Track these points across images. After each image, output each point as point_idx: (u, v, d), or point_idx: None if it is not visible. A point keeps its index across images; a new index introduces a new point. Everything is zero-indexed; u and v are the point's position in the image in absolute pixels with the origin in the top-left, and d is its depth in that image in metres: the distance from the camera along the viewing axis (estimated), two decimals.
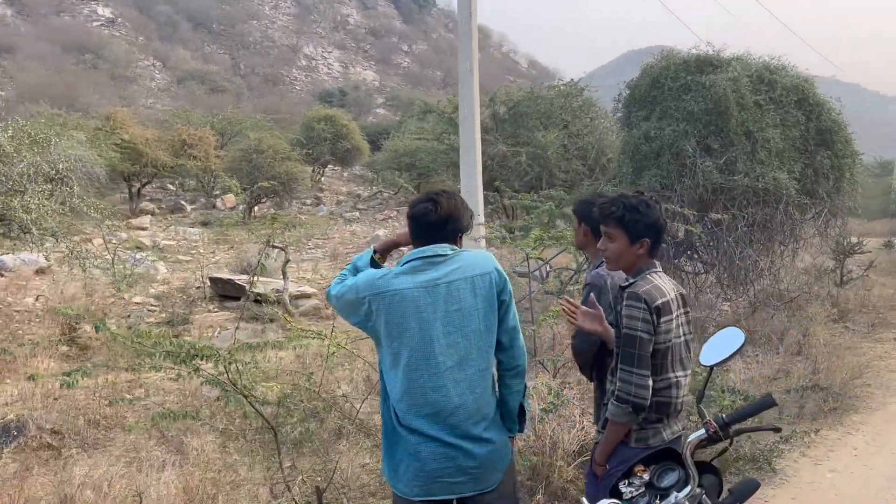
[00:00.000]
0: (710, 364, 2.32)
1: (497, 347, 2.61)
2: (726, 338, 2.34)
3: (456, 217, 2.59)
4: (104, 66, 44.60)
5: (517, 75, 64.02)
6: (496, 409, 2.63)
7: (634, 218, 2.52)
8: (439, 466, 2.49)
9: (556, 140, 15.88)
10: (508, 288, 2.60)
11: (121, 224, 19.21)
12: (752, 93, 8.73)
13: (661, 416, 2.50)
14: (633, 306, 2.46)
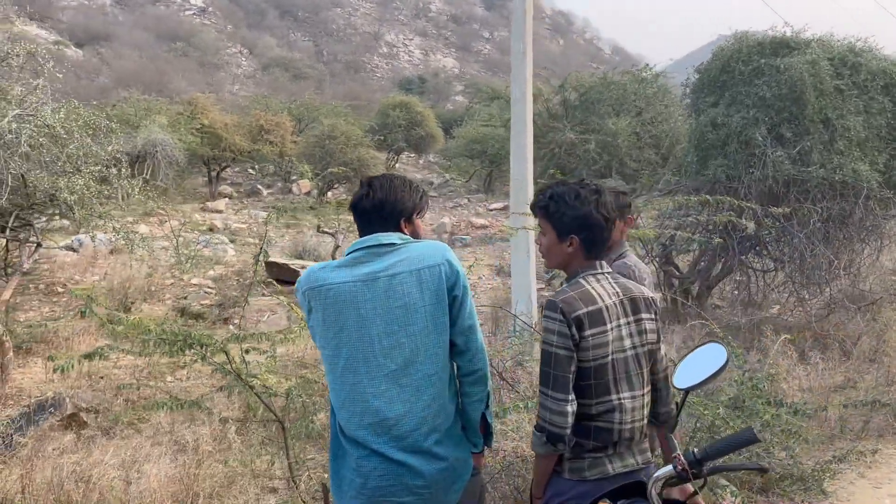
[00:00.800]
0: (684, 387, 1.93)
1: (452, 350, 2.31)
2: (706, 356, 1.94)
3: (393, 201, 2.32)
4: (194, 54, 46.13)
5: (600, 62, 62.51)
6: (455, 420, 2.33)
7: (560, 210, 2.20)
8: (383, 484, 2.22)
9: (627, 127, 15.27)
10: (462, 282, 2.29)
11: (196, 206, 19.81)
12: (832, 77, 8.03)
13: (601, 444, 2.15)
14: (548, 317, 2.14)
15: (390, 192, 2.34)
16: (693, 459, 1.86)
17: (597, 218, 2.18)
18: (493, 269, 12.37)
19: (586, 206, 2.18)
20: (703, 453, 1.86)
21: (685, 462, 1.86)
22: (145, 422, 5.56)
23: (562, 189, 2.24)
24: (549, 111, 16.49)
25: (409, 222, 2.39)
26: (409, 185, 2.41)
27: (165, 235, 13.33)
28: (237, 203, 21.94)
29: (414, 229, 2.41)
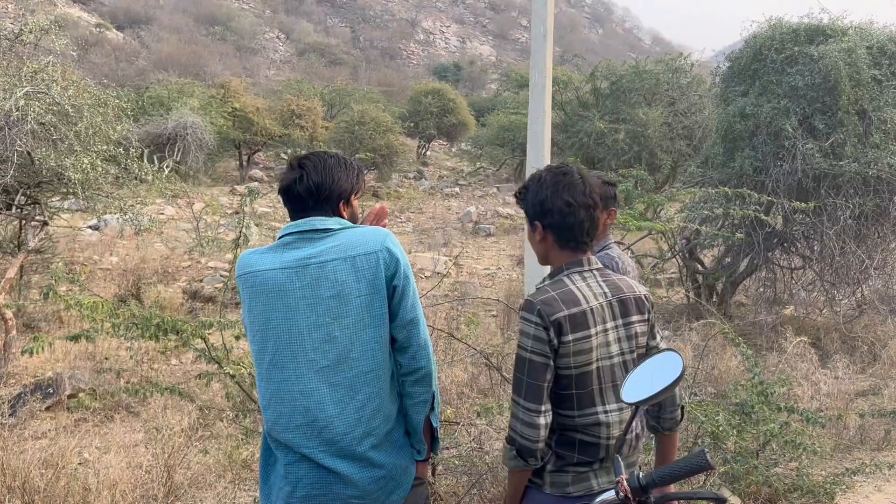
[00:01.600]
0: (633, 401, 1.69)
1: (393, 345, 2.11)
2: (659, 366, 1.71)
3: (329, 182, 2.12)
4: (231, 38, 46.44)
5: (639, 52, 61.38)
6: (396, 424, 2.13)
7: (525, 197, 2.05)
8: (313, 493, 2.03)
9: (659, 118, 14.86)
10: (403, 271, 2.07)
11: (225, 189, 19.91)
12: (870, 66, 7.63)
13: (588, 458, 1.95)
14: (524, 319, 1.93)
15: (325, 172, 2.14)
16: (637, 486, 1.65)
17: (555, 202, 1.97)
18: (513, 260, 12.15)
19: (545, 190, 2.00)
20: (648, 479, 1.64)
21: (628, 488, 1.65)
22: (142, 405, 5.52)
23: (532, 176, 2.08)
24: (579, 99, 16.15)
25: (347, 204, 2.19)
26: (344, 164, 2.20)
27: (187, 219, 13.38)
28: (267, 187, 21.99)
29: (352, 211, 2.22)
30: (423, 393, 2.15)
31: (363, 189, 2.28)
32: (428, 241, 13.82)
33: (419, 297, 2.18)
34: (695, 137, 14.99)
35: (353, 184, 2.20)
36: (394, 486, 2.11)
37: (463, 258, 12.27)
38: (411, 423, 2.18)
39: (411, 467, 2.17)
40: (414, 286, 2.14)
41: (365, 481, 2.05)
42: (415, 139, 27.90)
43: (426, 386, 2.15)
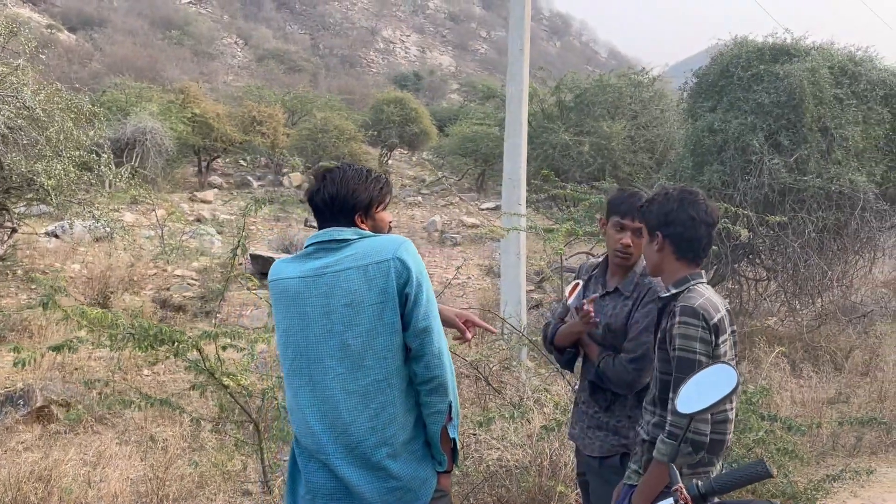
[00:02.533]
0: (690, 412, 1.74)
1: (408, 355, 2.13)
2: (714, 378, 1.75)
3: (345, 194, 2.18)
4: (188, 43, 45.71)
5: (596, 65, 62.45)
6: (414, 434, 2.14)
7: (649, 208, 2.29)
8: (329, 503, 2.07)
9: (622, 131, 15.14)
10: (415, 279, 2.10)
11: (184, 196, 19.56)
12: (831, 86, 7.93)
13: (713, 456, 2.13)
14: (689, 324, 2.08)
15: (342, 184, 2.19)
16: (696, 493, 1.69)
17: (680, 215, 2.20)
18: (482, 269, 12.22)
19: (671, 203, 2.23)
20: (707, 487, 1.69)
21: (688, 496, 1.68)
22: (119, 417, 5.38)
23: (657, 191, 2.38)
24: (544, 112, 16.35)
25: (366, 216, 2.24)
26: (365, 177, 2.24)
27: (151, 225, 13.11)
28: (226, 194, 21.67)
29: (375, 223, 2.26)
30: (438, 403, 2.14)
31: (386, 201, 2.30)
32: None
33: (436, 305, 2.19)
34: (657, 151, 15.29)
35: (371, 196, 2.23)
36: (412, 499, 2.10)
37: (431, 267, 12.29)
38: (429, 434, 2.18)
39: (431, 479, 2.17)
40: (429, 294, 2.15)
41: (377, 493, 2.05)
42: (377, 147, 27.85)
43: (441, 395, 2.14)
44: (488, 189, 24.36)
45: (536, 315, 8.60)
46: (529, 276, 10.52)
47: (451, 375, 2.18)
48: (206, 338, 3.36)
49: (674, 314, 2.12)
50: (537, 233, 6.76)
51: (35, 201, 6.74)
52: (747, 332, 8.04)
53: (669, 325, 2.13)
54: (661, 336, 2.22)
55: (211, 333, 3.37)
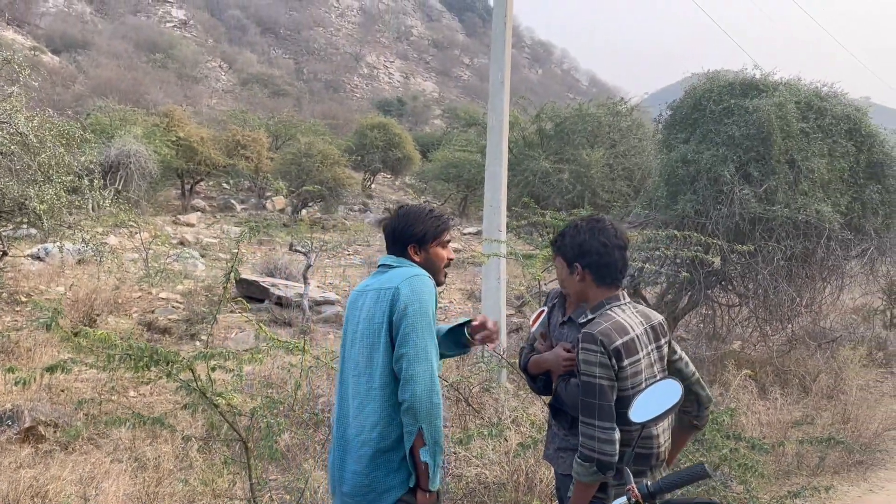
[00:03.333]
0: (640, 421, 1.99)
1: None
2: (661, 392, 2.01)
3: (401, 229, 2.57)
4: (173, 66, 45.91)
5: (577, 92, 63.46)
6: (393, 444, 2.40)
7: (564, 242, 2.39)
8: (333, 484, 2.52)
9: (601, 159, 15.51)
10: (404, 308, 2.39)
11: (168, 219, 19.64)
12: (798, 120, 8.28)
13: (642, 468, 2.27)
14: (588, 349, 2.22)
15: (402, 219, 2.60)
16: (646, 492, 1.92)
17: (593, 244, 2.32)
18: (464, 294, 12.42)
19: (582, 234, 2.35)
20: (656, 486, 1.93)
21: (639, 494, 1.92)
22: (105, 437, 5.48)
23: (568, 225, 2.47)
24: (525, 139, 16.70)
25: (420, 248, 2.58)
26: (422, 215, 2.61)
27: (135, 248, 13.19)
28: (210, 217, 21.77)
29: (429, 256, 2.59)
30: (408, 424, 2.38)
31: (442, 238, 2.63)
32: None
33: (424, 336, 2.41)
34: (634, 178, 15.67)
35: (425, 231, 2.57)
36: (374, 499, 2.39)
37: None
38: (406, 448, 2.42)
39: (397, 490, 2.41)
40: (415, 324, 2.40)
41: (353, 482, 2.41)
42: (360, 172, 28.12)
43: (411, 418, 2.37)
44: (470, 214, 24.69)
45: (516, 339, 8.80)
46: (510, 301, 10.75)
47: (426, 405, 2.36)
48: (201, 359, 3.52)
49: (578, 340, 2.26)
50: (517, 258, 6.99)
51: (25, 224, 6.85)
52: (720, 355, 8.29)
53: (577, 350, 2.27)
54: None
55: (206, 354, 3.54)
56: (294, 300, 9.84)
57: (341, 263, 15.81)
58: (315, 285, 10.87)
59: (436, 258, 2.59)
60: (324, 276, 13.00)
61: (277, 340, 4.00)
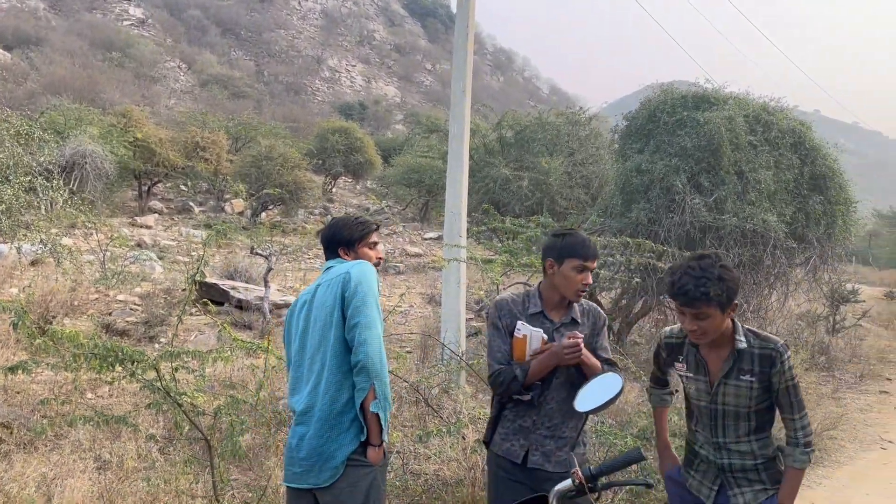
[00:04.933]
0: (585, 410, 2.19)
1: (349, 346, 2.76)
2: (604, 384, 2.21)
3: (331, 235, 3.02)
4: (130, 65, 45.08)
5: (538, 100, 64.18)
6: (342, 408, 2.73)
7: (726, 288, 2.42)
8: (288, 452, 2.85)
9: (560, 167, 15.80)
10: (354, 286, 2.74)
11: (124, 221, 19.35)
12: (747, 132, 8.65)
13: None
14: (788, 356, 2.57)
15: (330, 228, 3.07)
16: (589, 475, 2.10)
17: (736, 281, 2.46)
18: (424, 298, 12.55)
19: (734, 273, 2.47)
20: (597, 469, 2.10)
21: (583, 477, 2.09)
22: (65, 438, 5.47)
23: (713, 271, 2.43)
24: (485, 146, 16.91)
25: (349, 250, 3.00)
26: (349, 223, 3.05)
27: (91, 249, 13.01)
28: (167, 219, 21.52)
29: (357, 256, 2.99)
30: (361, 382, 2.72)
31: (368, 240, 3.07)
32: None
33: (373, 309, 2.79)
34: (592, 187, 16.00)
35: (352, 236, 3.02)
36: (326, 458, 2.70)
37: None
38: (357, 407, 2.74)
39: (347, 447, 2.72)
40: (365, 299, 2.78)
41: (308, 447, 2.72)
42: (321, 176, 28.06)
43: (364, 376, 2.71)
44: (431, 219, 24.84)
45: (475, 342, 8.95)
46: (469, 305, 10.90)
47: (377, 365, 2.73)
48: (167, 358, 3.59)
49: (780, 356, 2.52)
50: (477, 263, 7.15)
51: None
52: None
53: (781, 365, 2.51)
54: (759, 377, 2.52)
55: (172, 353, 3.61)
56: (254, 303, 9.84)
57: (302, 267, 15.80)
58: (275, 289, 10.88)
59: (364, 258, 2.97)
60: (284, 279, 12.99)
61: (241, 341, 4.07)
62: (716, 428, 2.62)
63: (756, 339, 2.52)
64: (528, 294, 3.01)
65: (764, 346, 2.51)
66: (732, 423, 2.60)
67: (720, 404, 2.59)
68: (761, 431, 2.63)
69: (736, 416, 2.59)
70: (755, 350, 2.50)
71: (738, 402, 2.56)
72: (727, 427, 2.60)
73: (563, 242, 2.90)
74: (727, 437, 2.61)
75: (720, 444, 2.63)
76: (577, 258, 2.84)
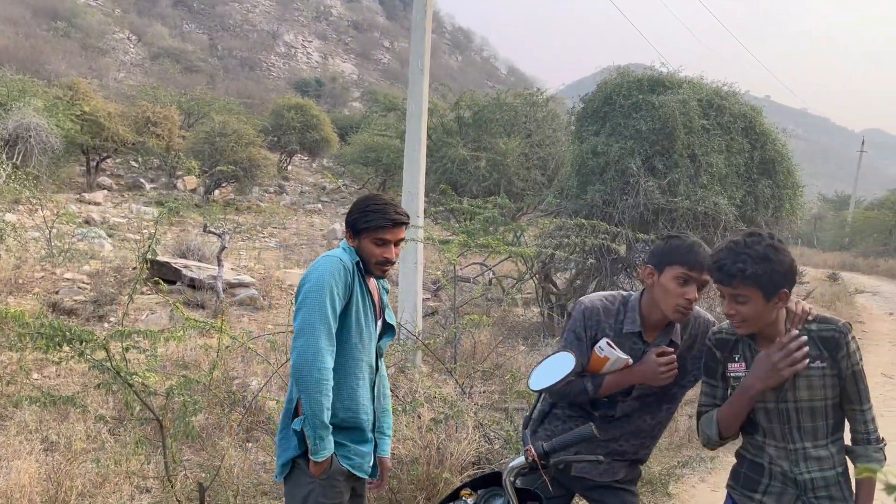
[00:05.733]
0: (538, 389, 2.21)
1: None
2: (557, 362, 2.23)
3: (348, 212, 2.66)
4: (76, 36, 43.64)
5: (496, 80, 64.20)
6: (287, 408, 2.65)
7: (767, 270, 2.07)
8: None
9: (517, 148, 15.88)
10: (302, 287, 2.53)
11: (71, 197, 18.81)
12: (700, 116, 8.80)
13: None
14: (853, 338, 2.19)
15: (352, 204, 2.70)
16: (542, 452, 2.14)
17: (795, 264, 2.14)
18: None
19: (787, 256, 2.12)
20: (550, 447, 2.14)
21: (535, 454, 2.13)
22: (9, 419, 5.33)
23: (757, 248, 2.09)
24: (443, 126, 16.89)
25: (354, 235, 2.64)
26: (360, 204, 2.67)
27: (36, 226, 12.62)
28: (117, 196, 20.98)
29: (360, 245, 2.62)
30: (291, 390, 2.62)
31: (372, 234, 2.61)
32: (295, 257, 13.88)
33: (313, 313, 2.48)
34: (548, 168, 16.15)
35: (354, 220, 2.63)
36: (279, 455, 2.65)
37: None
38: None
39: (292, 451, 2.59)
40: (305, 301, 2.50)
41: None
42: (276, 153, 27.67)
43: (294, 386, 2.55)
44: None
45: (432, 322, 8.99)
46: (426, 285, 10.92)
47: (304, 377, 2.43)
48: (117, 337, 3.52)
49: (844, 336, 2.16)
50: (434, 244, 7.16)
51: None
52: None
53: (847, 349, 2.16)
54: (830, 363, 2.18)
55: (123, 333, 3.54)
56: (207, 282, 9.69)
57: (256, 246, 15.60)
58: (229, 268, 10.72)
59: (365, 251, 2.59)
60: (238, 258, 12.81)
61: (194, 321, 4.01)
62: (791, 432, 2.20)
63: (812, 323, 2.18)
64: (627, 303, 2.52)
65: (823, 327, 2.16)
66: (810, 422, 2.20)
67: (792, 401, 2.19)
68: (837, 432, 2.25)
69: (812, 412, 2.19)
70: (814, 333, 2.16)
71: (812, 395, 2.18)
72: (803, 430, 2.20)
73: (666, 246, 2.43)
74: (805, 441, 2.21)
75: (797, 453, 2.21)
76: (681, 265, 2.34)
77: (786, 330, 2.16)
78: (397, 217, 2.59)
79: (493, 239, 7.33)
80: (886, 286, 19.62)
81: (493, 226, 8.31)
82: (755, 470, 2.30)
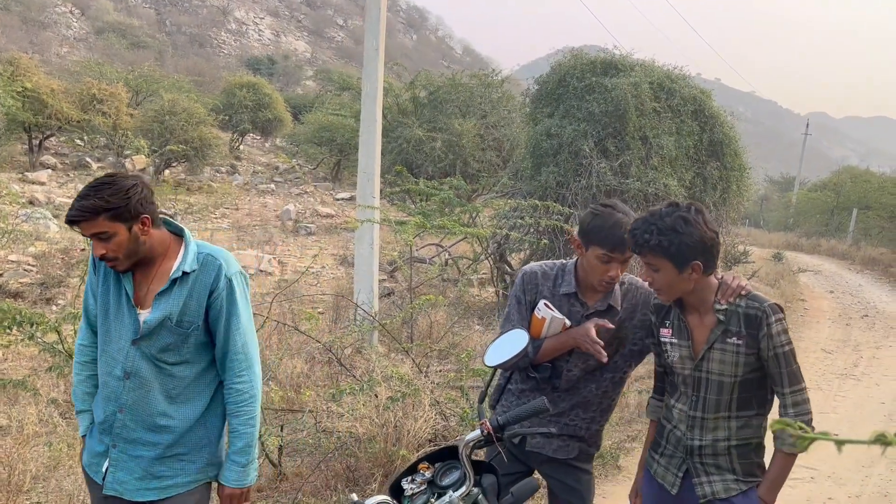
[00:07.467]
0: (493, 365, 2.29)
1: None
2: (511, 339, 2.31)
3: None
4: (16, 9, 41.96)
5: (451, 60, 63.93)
6: None
7: (675, 241, 2.11)
8: None
9: (472, 129, 15.92)
10: None
11: (14, 176, 18.20)
12: (651, 99, 8.96)
13: None
14: (782, 319, 2.19)
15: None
16: (497, 425, 2.21)
17: (711, 237, 2.15)
18: (337, 259, 12.49)
19: (699, 228, 2.13)
20: (504, 420, 2.21)
21: (490, 427, 2.20)
22: None
23: (667, 220, 2.14)
24: (399, 106, 16.82)
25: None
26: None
27: None
28: (62, 175, 20.37)
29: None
30: None
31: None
32: (248, 238, 13.73)
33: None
34: (503, 149, 16.24)
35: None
36: None
37: (286, 257, 12.40)
38: None
39: None
40: None
41: None
42: (228, 132, 27.16)
43: None
44: (343, 179, 24.53)
45: (388, 302, 9.02)
46: (382, 266, 10.94)
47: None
48: (70, 319, 3.47)
49: (767, 317, 2.16)
50: (390, 225, 7.18)
51: None
52: None
53: (768, 328, 2.16)
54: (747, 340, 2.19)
55: (76, 315, 3.49)
56: None
57: (208, 227, 15.36)
58: None
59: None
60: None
61: None
62: (697, 400, 2.29)
63: (743, 299, 2.21)
64: (564, 268, 2.61)
65: (751, 304, 2.19)
66: (715, 395, 2.26)
67: (705, 371, 2.25)
68: (744, 408, 2.27)
69: (720, 386, 2.25)
70: (742, 310, 2.19)
71: (722, 370, 2.23)
72: (708, 400, 2.27)
73: (590, 225, 2.45)
74: (707, 411, 2.28)
75: (696, 420, 2.30)
76: (601, 247, 2.40)
77: (715, 301, 2.22)
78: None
79: (448, 220, 7.38)
80: (827, 265, 20.33)
81: (448, 207, 8.36)
82: (660, 432, 2.45)
